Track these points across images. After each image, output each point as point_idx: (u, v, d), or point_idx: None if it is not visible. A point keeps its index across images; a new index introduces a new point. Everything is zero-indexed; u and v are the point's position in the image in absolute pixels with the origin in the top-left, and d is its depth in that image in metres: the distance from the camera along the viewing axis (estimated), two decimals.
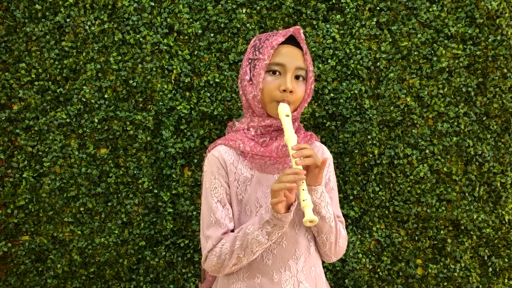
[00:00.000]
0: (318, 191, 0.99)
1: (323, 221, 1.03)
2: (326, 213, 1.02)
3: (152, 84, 1.47)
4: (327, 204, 1.02)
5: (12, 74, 1.48)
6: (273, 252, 1.04)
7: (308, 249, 1.07)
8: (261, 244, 0.99)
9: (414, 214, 1.46)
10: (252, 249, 0.99)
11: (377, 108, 1.46)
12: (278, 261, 1.04)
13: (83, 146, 1.49)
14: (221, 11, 1.46)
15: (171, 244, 1.49)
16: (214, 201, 1.06)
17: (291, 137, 0.98)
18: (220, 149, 1.10)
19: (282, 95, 1.03)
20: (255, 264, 1.04)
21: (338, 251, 1.09)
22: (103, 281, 1.49)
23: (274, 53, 1.05)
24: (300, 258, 1.05)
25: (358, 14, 1.46)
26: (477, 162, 1.46)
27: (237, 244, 1.00)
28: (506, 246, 1.47)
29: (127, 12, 1.46)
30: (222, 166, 1.08)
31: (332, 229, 1.04)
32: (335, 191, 1.14)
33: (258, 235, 0.97)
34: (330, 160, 1.15)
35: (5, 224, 1.49)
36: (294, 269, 1.04)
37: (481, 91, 1.46)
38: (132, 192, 1.48)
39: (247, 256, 1.00)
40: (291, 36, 1.07)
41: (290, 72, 1.03)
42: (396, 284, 1.47)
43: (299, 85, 1.05)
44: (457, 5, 1.45)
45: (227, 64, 1.47)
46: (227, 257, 1.01)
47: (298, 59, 1.05)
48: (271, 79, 1.04)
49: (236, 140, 1.08)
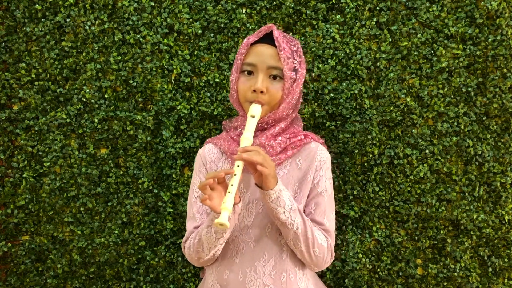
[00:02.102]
0: (271, 196, 0.96)
1: (284, 227, 0.99)
2: (287, 219, 0.98)
3: (152, 84, 1.47)
4: (290, 210, 0.98)
5: (12, 74, 1.48)
6: (242, 251, 1.05)
7: (280, 253, 1.04)
8: (211, 241, 0.99)
9: (414, 214, 1.46)
10: (206, 246, 1.00)
11: (377, 108, 1.46)
12: (245, 260, 1.04)
13: (83, 146, 1.49)
14: (221, 11, 1.46)
15: (171, 244, 1.49)
16: (194, 196, 1.11)
17: (245, 138, 0.98)
18: (206, 147, 1.15)
19: (253, 95, 1.03)
20: (226, 260, 1.06)
21: (316, 260, 1.04)
22: (103, 281, 1.50)
23: (247, 53, 1.05)
24: (268, 261, 1.04)
25: (358, 14, 1.46)
26: (477, 162, 1.46)
27: (196, 239, 1.03)
28: (506, 246, 1.47)
29: (127, 12, 1.46)
30: (203, 164, 1.13)
31: (299, 236, 1.00)
32: (324, 198, 1.08)
33: (207, 232, 0.99)
34: (323, 163, 1.09)
35: (5, 224, 1.49)
36: (260, 271, 1.03)
37: (481, 91, 1.47)
38: (132, 192, 1.48)
39: (205, 252, 1.02)
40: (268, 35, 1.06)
41: (262, 72, 1.02)
42: (396, 284, 1.47)
43: (274, 85, 1.03)
44: (457, 5, 1.45)
45: (227, 64, 1.47)
46: (192, 250, 1.05)
47: (272, 58, 1.02)
48: (243, 79, 1.05)
49: (220, 138, 1.12)
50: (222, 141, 1.11)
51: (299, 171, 1.08)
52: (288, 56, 1.03)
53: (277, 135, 1.08)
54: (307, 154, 1.10)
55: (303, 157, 1.10)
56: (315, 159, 1.09)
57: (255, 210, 1.06)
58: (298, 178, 1.08)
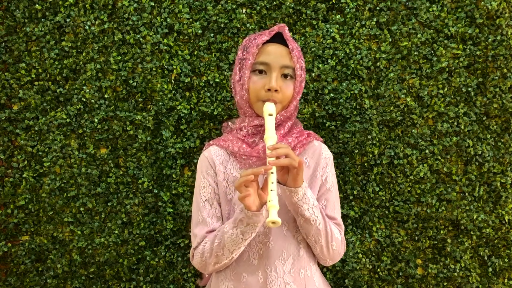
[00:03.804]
0: (298, 193, 0.97)
1: (308, 224, 1.01)
2: (311, 215, 0.99)
3: (152, 84, 1.47)
4: (313, 206, 1.00)
5: (12, 74, 1.48)
6: (259, 252, 1.04)
7: (297, 251, 1.05)
8: (236, 243, 0.98)
9: (414, 214, 1.46)
10: (229, 248, 0.99)
11: (377, 108, 1.46)
12: (264, 261, 1.03)
13: (83, 146, 1.49)
14: (221, 11, 1.46)
15: (171, 244, 1.49)
16: (202, 200, 1.08)
17: (270, 137, 0.97)
18: (211, 149, 1.13)
19: (267, 94, 1.03)
20: (242, 263, 1.05)
21: (332, 254, 1.06)
22: (103, 281, 1.50)
23: (259, 52, 1.05)
24: (287, 259, 1.04)
25: (358, 14, 1.46)
26: (477, 162, 1.46)
27: (216, 243, 1.00)
28: (506, 246, 1.47)
29: (127, 12, 1.46)
30: (211, 166, 1.10)
31: (320, 232, 1.02)
32: (333, 193, 1.11)
33: (233, 233, 0.97)
34: (329, 160, 1.13)
35: (5, 224, 1.49)
36: (280, 270, 1.03)
37: (481, 91, 1.47)
38: (132, 192, 1.48)
39: (226, 255, 1.00)
40: (278, 35, 1.06)
41: (275, 71, 1.03)
42: (396, 284, 1.47)
43: (286, 84, 1.04)
44: (457, 5, 1.45)
45: (227, 64, 1.47)
46: (208, 255, 1.02)
47: (284, 57, 1.04)
48: (256, 78, 1.04)
49: (226, 140, 1.10)
50: (230, 143, 1.09)
51: (308, 169, 1.10)
52: (298, 55, 1.06)
53: (286, 134, 1.09)
54: (313, 152, 1.12)
55: (309, 155, 1.11)
56: (321, 157, 1.11)
57: None
58: (308, 176, 1.10)
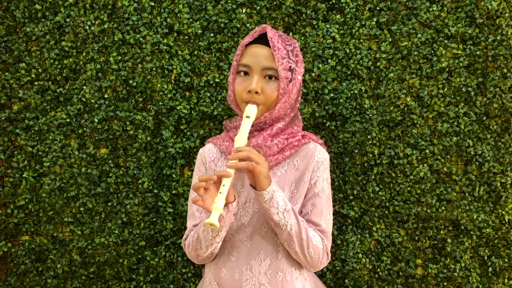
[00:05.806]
0: (264, 196, 0.96)
1: (278, 228, 1.00)
2: (280, 220, 0.98)
3: (152, 84, 1.47)
4: (284, 211, 0.98)
5: (12, 74, 1.48)
6: (238, 250, 1.06)
7: (275, 253, 1.05)
8: (207, 239, 1.01)
9: (414, 214, 1.46)
10: (203, 243, 1.02)
11: (377, 108, 1.46)
12: (242, 259, 1.05)
13: (83, 146, 1.49)
14: (221, 11, 1.46)
15: (171, 244, 1.49)
16: (193, 195, 1.12)
17: (239, 139, 0.99)
18: (206, 146, 1.18)
19: (248, 96, 1.04)
20: (223, 259, 1.07)
21: (311, 261, 1.04)
22: (103, 281, 1.50)
23: (242, 54, 1.06)
24: (264, 260, 1.04)
25: (358, 14, 1.46)
26: (477, 162, 1.46)
27: (195, 237, 1.05)
28: (506, 246, 1.47)
29: (127, 12, 1.46)
30: (203, 163, 1.15)
31: (293, 237, 1.00)
32: (321, 198, 1.07)
33: (204, 230, 1.01)
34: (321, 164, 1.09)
35: (5, 224, 1.49)
36: (256, 270, 1.04)
37: (481, 91, 1.46)
38: (132, 192, 1.48)
39: (203, 249, 1.03)
40: (264, 35, 1.06)
41: (257, 73, 1.03)
42: (396, 284, 1.47)
43: (269, 85, 1.04)
44: (457, 5, 1.45)
45: (227, 64, 1.47)
46: (191, 248, 1.07)
47: (266, 58, 1.03)
48: (240, 80, 1.06)
49: (219, 138, 1.14)
50: (221, 141, 1.13)
51: (296, 172, 1.08)
52: (283, 56, 1.03)
53: (274, 135, 1.08)
54: (305, 154, 1.10)
55: (300, 158, 1.10)
56: (312, 160, 1.09)
57: (252, 209, 1.07)
58: (295, 178, 1.08)
